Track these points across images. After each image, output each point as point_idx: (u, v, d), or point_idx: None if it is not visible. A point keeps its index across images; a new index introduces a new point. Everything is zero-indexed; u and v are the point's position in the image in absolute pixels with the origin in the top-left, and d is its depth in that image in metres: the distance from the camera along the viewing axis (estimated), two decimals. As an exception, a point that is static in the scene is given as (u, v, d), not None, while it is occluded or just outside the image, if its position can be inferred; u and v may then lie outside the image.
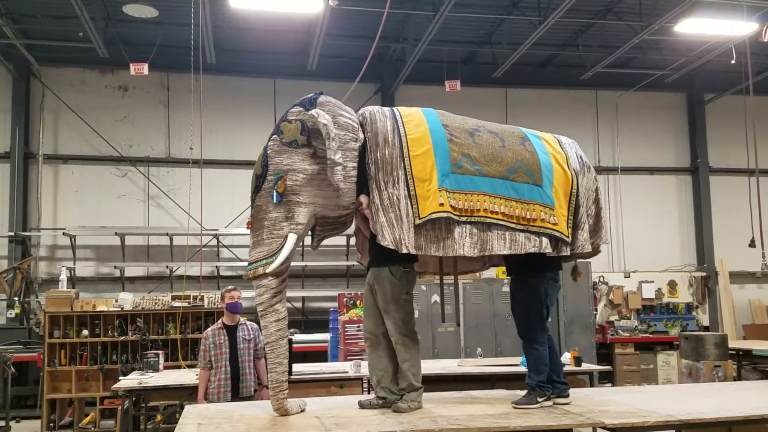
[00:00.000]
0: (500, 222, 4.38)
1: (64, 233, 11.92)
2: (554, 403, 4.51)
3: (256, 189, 4.30)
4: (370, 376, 4.56)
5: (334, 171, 4.15)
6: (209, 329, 6.36)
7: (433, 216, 4.21)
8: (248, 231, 4.40)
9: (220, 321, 6.37)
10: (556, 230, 4.52)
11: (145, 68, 11.32)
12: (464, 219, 4.29)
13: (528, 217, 4.45)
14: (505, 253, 4.41)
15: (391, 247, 4.20)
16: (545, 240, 4.49)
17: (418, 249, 4.22)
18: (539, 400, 4.45)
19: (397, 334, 4.38)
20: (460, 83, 12.57)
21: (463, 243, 4.28)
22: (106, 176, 12.63)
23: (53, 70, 12.60)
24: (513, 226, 4.40)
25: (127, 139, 12.73)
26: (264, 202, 4.25)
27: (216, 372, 6.13)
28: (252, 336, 6.31)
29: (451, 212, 4.25)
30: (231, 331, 6.26)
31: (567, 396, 4.64)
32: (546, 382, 4.54)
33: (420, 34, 11.32)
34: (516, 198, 4.45)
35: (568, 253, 4.64)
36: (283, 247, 4.19)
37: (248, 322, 6.44)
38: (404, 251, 4.19)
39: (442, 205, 4.22)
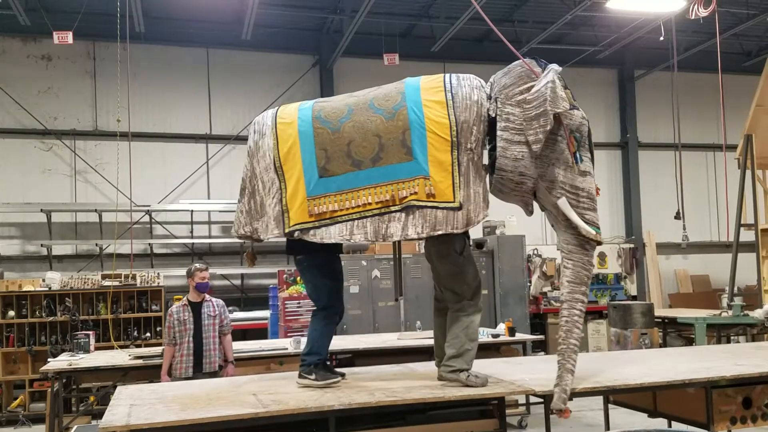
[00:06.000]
0: None
1: (-15, 210, 11.36)
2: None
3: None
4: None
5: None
6: (174, 306, 6.36)
7: None
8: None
9: (185, 298, 6.37)
10: None
11: (69, 37, 10.75)
12: None
13: None
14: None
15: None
16: None
17: None
18: None
19: None
20: (398, 57, 12.49)
21: None
22: (29, 150, 12.04)
23: (-31, 37, 11.89)
24: None
25: (52, 111, 12.15)
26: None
27: (179, 348, 6.16)
28: (217, 312, 6.33)
29: None
30: (196, 307, 6.27)
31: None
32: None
33: (357, 6, 11.17)
34: None
35: None
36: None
37: (214, 299, 6.45)
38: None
39: None
